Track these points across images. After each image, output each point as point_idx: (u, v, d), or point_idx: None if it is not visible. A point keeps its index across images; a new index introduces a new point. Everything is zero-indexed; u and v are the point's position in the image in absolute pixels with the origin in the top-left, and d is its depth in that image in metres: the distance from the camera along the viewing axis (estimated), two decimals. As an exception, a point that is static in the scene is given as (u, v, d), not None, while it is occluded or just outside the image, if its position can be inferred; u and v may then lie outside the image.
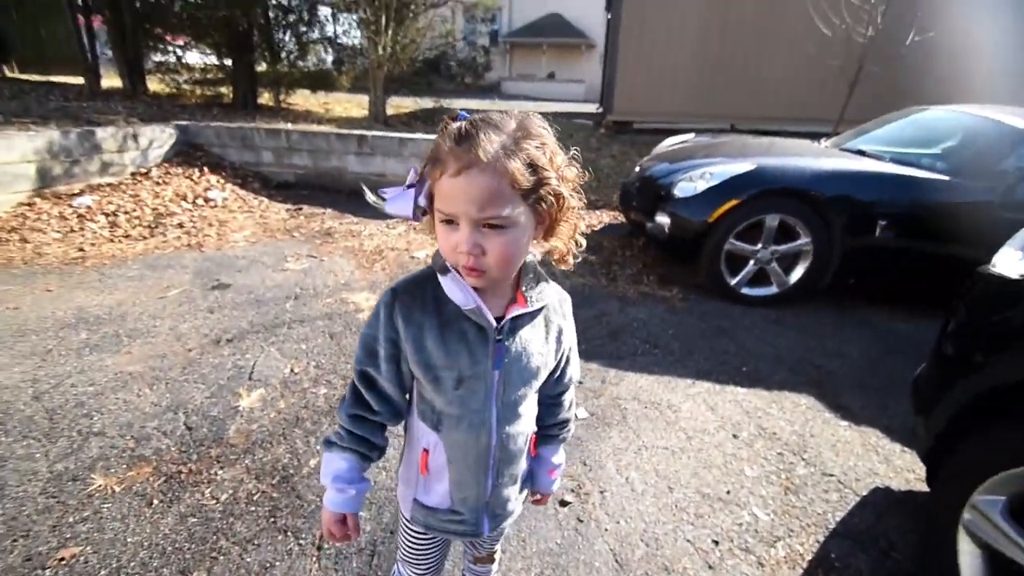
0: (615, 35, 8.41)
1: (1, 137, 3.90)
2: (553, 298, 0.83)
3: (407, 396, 0.85)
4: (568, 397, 0.96)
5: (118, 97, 6.98)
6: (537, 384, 0.84)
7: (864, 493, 1.81)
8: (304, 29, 7.99)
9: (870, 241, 3.08)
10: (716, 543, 1.58)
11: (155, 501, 1.60)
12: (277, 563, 1.43)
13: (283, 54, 7.82)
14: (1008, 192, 2.86)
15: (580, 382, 2.38)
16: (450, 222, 0.67)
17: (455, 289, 0.72)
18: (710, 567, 1.50)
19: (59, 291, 2.94)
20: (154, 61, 7.73)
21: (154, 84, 7.79)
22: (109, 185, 4.59)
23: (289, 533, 1.52)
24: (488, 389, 0.78)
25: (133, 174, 4.88)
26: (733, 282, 3.31)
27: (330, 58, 8.74)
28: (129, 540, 1.46)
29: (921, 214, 3.04)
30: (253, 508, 1.60)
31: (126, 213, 4.26)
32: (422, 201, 0.70)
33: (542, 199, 0.68)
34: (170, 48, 7.68)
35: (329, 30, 8.37)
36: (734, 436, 2.08)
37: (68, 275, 3.17)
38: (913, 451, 1.94)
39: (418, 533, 0.94)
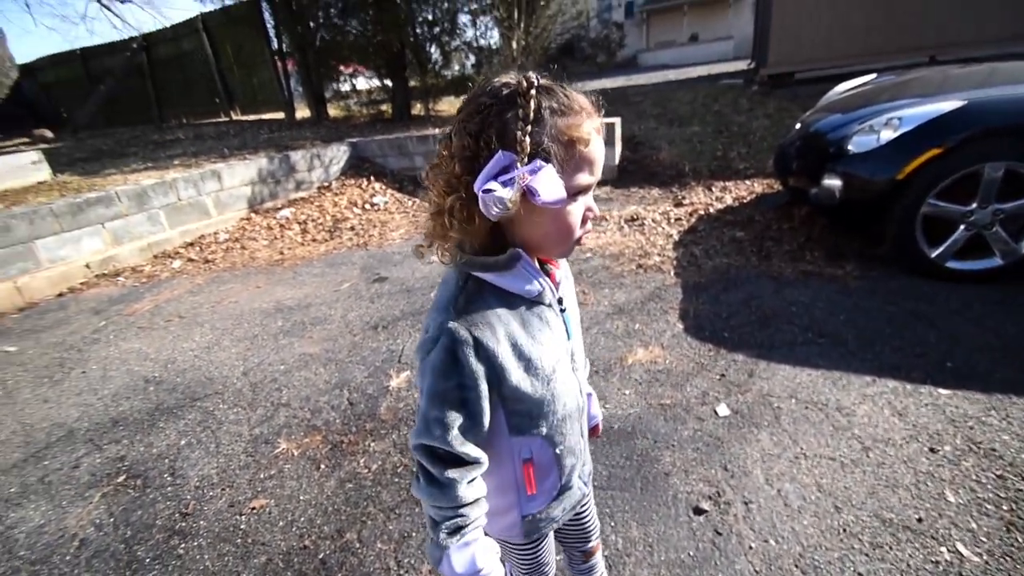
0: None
1: (228, 167, 4.97)
2: None
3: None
4: None
5: (307, 125, 8.35)
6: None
7: None
8: (447, 39, 8.55)
9: None
10: (899, 580, 1.28)
11: (322, 466, 1.87)
12: (414, 533, 1.56)
13: (429, 65, 8.48)
14: None
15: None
16: (580, 192, 0.64)
17: (520, 282, 0.68)
18: (889, 609, 1.22)
19: (265, 287, 3.64)
20: (333, 90, 9.08)
21: (333, 110, 9.16)
22: (302, 199, 5.54)
23: (424, 506, 1.65)
24: (570, 358, 0.79)
25: (319, 188, 5.82)
26: (935, 253, 2.62)
27: (471, 62, 9.23)
28: (301, 498, 1.74)
29: None
30: (397, 479, 1.78)
31: (313, 221, 5.10)
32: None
33: None
34: (344, 77, 8.96)
35: (469, 34, 8.84)
36: (931, 450, 1.65)
37: (271, 274, 3.90)
38: None
39: (534, 546, 0.90)
